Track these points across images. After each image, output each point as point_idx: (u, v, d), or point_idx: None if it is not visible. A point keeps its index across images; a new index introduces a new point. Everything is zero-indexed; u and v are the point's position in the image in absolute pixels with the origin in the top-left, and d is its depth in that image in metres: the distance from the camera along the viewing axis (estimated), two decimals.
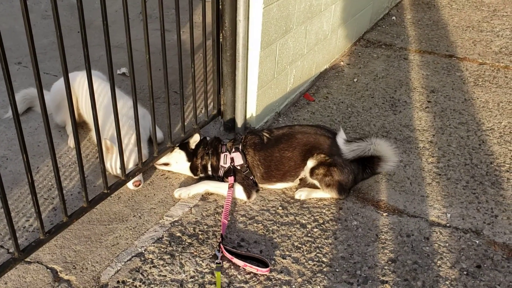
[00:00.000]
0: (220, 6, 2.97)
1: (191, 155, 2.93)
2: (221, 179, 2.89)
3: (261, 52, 3.17)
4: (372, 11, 5.24)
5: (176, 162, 2.93)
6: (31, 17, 1.98)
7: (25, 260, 2.29)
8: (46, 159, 3.03)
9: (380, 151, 2.83)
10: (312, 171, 2.79)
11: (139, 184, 2.82)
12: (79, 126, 3.12)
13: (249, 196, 2.81)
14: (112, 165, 2.83)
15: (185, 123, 3.21)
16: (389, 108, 3.87)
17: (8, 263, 2.15)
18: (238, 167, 2.84)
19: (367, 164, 2.88)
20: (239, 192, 2.80)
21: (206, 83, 3.27)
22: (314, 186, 2.86)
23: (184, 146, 2.96)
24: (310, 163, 2.80)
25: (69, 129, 3.23)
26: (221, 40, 3.10)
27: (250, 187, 2.83)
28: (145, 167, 2.87)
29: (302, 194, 2.84)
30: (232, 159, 2.85)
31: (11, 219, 2.10)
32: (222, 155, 2.89)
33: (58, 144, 3.16)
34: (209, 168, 2.91)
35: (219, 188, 2.83)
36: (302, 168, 2.84)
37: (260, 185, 2.90)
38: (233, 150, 2.88)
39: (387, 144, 2.86)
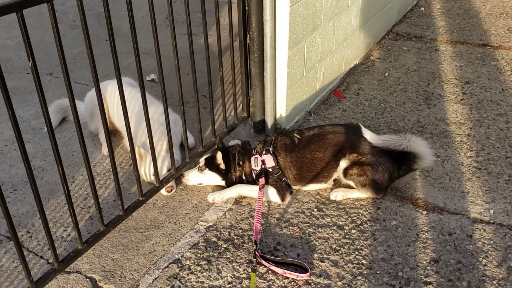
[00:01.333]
0: (246, 7, 2.94)
1: (224, 172, 2.83)
2: (254, 182, 2.86)
3: (289, 51, 3.12)
4: (400, 3, 5.12)
5: (211, 181, 2.88)
6: (60, 28, 1.99)
7: (65, 270, 2.31)
8: (81, 168, 3.07)
9: (414, 148, 2.76)
10: (346, 172, 2.73)
11: (171, 190, 2.81)
12: (111, 134, 3.15)
13: (283, 199, 2.77)
14: (146, 171, 2.84)
15: (215, 127, 3.20)
16: (423, 102, 3.76)
17: (48, 274, 2.18)
18: (270, 169, 2.79)
19: (403, 161, 2.81)
20: (273, 194, 2.76)
21: (234, 86, 3.24)
22: (349, 187, 2.80)
23: (212, 163, 2.83)
24: (343, 163, 2.74)
25: (102, 137, 3.26)
26: (248, 41, 3.07)
27: (284, 189, 2.78)
28: (178, 173, 2.87)
29: (337, 195, 2.78)
30: (263, 162, 2.81)
31: (50, 231, 2.12)
32: (252, 158, 2.85)
33: (92, 153, 3.19)
34: (243, 177, 2.86)
35: (252, 192, 2.80)
36: (335, 169, 2.78)
37: (293, 187, 2.86)
38: (264, 152, 2.83)
39: (423, 142, 2.80)
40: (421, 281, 2.27)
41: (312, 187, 2.86)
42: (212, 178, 2.85)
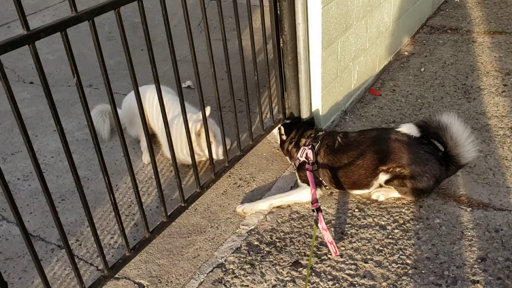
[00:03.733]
0: (278, 11, 2.96)
1: (281, 143, 3.07)
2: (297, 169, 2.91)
3: (322, 52, 3.12)
4: None
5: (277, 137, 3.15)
6: None
7: (114, 276, 2.38)
8: (124, 176, 3.15)
9: (447, 125, 2.57)
10: (387, 182, 2.67)
11: None
12: (152, 141, 3.22)
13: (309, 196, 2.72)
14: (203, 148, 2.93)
15: (252, 130, 3.23)
16: (462, 96, 3.68)
17: (99, 281, 2.25)
18: (310, 165, 2.79)
19: (450, 161, 2.65)
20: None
21: (269, 88, 3.26)
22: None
23: (281, 131, 3.07)
24: (383, 176, 2.65)
25: (143, 145, 3.34)
26: (281, 44, 3.08)
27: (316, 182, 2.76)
28: (218, 178, 2.91)
29: (380, 195, 2.74)
30: (307, 155, 2.82)
31: (99, 238, 2.20)
32: (301, 148, 2.88)
33: (134, 161, 3.27)
34: (290, 159, 3.02)
35: (283, 198, 2.80)
36: (374, 178, 2.69)
37: (331, 189, 2.85)
38: (309, 146, 2.84)
39: (456, 120, 2.59)
40: (468, 280, 2.23)
41: (353, 191, 2.82)
42: (276, 133, 3.14)
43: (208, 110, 2.84)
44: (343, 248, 2.47)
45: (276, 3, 2.93)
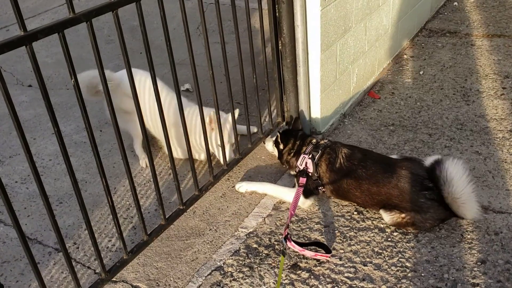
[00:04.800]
0: (277, 14, 2.96)
1: (279, 152, 3.00)
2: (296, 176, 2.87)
3: (321, 55, 3.11)
4: None
5: (272, 149, 3.09)
6: None
7: (112, 279, 2.37)
8: (122, 179, 3.14)
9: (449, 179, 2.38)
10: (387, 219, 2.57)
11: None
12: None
13: (303, 203, 2.73)
14: (213, 142, 2.95)
15: (251, 133, 3.22)
16: (461, 98, 3.68)
17: (96, 284, 2.24)
18: (310, 173, 2.78)
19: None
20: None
21: (268, 92, 3.26)
22: None
23: (276, 140, 3.00)
24: (385, 217, 2.54)
25: (138, 149, 3.31)
26: (280, 47, 3.08)
27: (308, 193, 2.74)
28: (217, 181, 2.90)
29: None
30: (306, 164, 2.79)
31: (96, 242, 2.19)
32: (301, 156, 2.81)
33: (132, 164, 3.25)
34: (289, 167, 2.98)
35: (279, 193, 2.85)
36: (376, 208, 2.62)
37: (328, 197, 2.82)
38: (310, 155, 2.77)
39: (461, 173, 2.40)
40: (468, 283, 2.22)
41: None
42: (275, 152, 3.04)
43: (237, 113, 2.98)
44: (342, 251, 2.46)
45: (275, 5, 2.94)
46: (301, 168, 2.80)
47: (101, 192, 3.00)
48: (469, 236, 2.46)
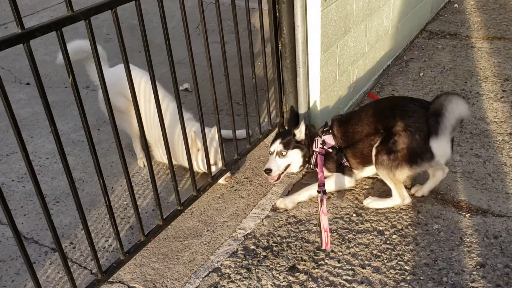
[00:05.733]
0: (277, 14, 2.94)
1: (307, 146, 2.85)
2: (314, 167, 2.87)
3: (321, 56, 3.10)
4: (432, 0, 5.01)
5: (294, 164, 2.85)
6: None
7: (108, 280, 2.35)
8: (120, 179, 3.12)
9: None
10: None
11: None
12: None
13: (350, 180, 2.79)
14: (199, 162, 2.90)
15: (250, 134, 3.20)
16: None
17: (92, 284, 2.22)
18: (330, 150, 2.79)
19: None
20: (338, 180, 2.79)
21: (268, 92, 3.24)
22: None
23: (289, 142, 2.82)
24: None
25: (138, 149, 3.29)
26: (280, 47, 3.06)
27: (349, 172, 2.81)
28: (215, 181, 2.88)
29: (370, 203, 2.73)
30: (323, 142, 2.81)
31: (93, 242, 2.17)
32: (315, 140, 2.85)
33: (130, 163, 3.24)
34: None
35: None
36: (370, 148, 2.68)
37: (354, 171, 2.82)
38: (324, 134, 2.84)
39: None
40: (467, 287, 2.20)
41: (367, 170, 2.80)
42: (295, 158, 2.82)
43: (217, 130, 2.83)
44: (340, 254, 2.44)
45: (275, 5, 2.92)
46: (317, 150, 2.81)
47: (99, 192, 2.98)
48: (468, 240, 2.45)
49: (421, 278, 2.27)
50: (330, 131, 2.85)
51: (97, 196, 2.99)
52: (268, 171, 2.79)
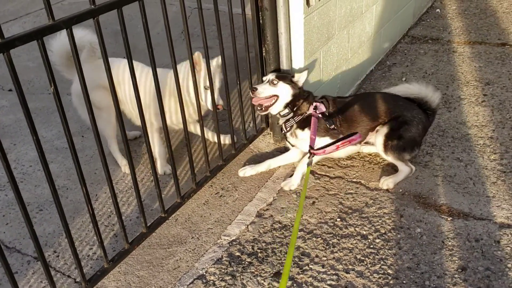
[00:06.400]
0: (261, 20, 2.96)
1: (297, 88, 2.94)
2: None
3: (305, 62, 3.12)
4: (414, 5, 5.08)
5: (283, 96, 2.91)
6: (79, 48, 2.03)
7: None
8: (104, 186, 3.11)
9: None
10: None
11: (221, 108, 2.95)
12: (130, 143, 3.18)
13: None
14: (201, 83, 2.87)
15: (235, 139, 3.21)
16: (442, 105, 3.71)
17: None
18: (320, 115, 2.89)
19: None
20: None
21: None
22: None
23: (285, 77, 2.94)
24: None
25: (116, 153, 3.25)
26: (264, 54, 3.08)
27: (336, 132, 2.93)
28: (200, 187, 2.88)
29: (388, 183, 2.92)
30: (315, 107, 2.91)
31: (76, 251, 2.16)
32: (309, 100, 2.96)
33: (114, 170, 3.23)
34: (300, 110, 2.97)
35: (285, 160, 3.10)
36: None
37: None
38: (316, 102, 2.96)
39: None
40: None
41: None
42: (285, 92, 2.90)
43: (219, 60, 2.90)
44: (325, 259, 2.46)
45: (259, 12, 2.94)
46: (308, 113, 2.92)
47: (83, 199, 2.92)
48: (450, 243, 2.48)
49: (404, 282, 2.29)
50: (322, 101, 2.97)
51: (81, 204, 2.97)
52: (254, 89, 2.88)
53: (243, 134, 3.29)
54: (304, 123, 2.91)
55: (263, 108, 2.91)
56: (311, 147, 2.69)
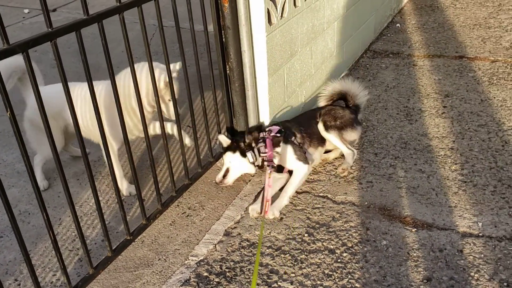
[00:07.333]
0: (224, 39, 2.97)
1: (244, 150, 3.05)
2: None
3: (269, 79, 3.15)
4: (375, 21, 5.21)
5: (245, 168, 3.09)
6: (40, 68, 2.00)
7: None
8: (67, 209, 3.03)
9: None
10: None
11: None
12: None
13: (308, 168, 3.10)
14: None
15: (201, 157, 3.20)
16: (404, 118, 3.80)
17: None
18: (278, 135, 3.04)
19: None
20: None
21: (217, 115, 3.26)
22: None
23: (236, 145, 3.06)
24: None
25: (39, 171, 3.21)
26: (228, 71, 3.09)
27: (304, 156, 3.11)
28: (166, 208, 2.85)
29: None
30: (270, 131, 3.07)
31: (37, 279, 2.10)
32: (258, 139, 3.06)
33: (78, 193, 3.17)
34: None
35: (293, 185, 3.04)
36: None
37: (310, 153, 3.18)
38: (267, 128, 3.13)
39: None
40: None
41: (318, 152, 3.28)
42: (241, 163, 3.04)
43: (178, 66, 2.94)
44: (293, 275, 2.46)
45: (221, 30, 2.95)
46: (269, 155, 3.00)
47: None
48: (415, 254, 2.53)
49: None
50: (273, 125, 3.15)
51: (43, 229, 2.89)
52: (221, 183, 3.08)
53: (209, 152, 3.28)
54: (275, 143, 3.05)
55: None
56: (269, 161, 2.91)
